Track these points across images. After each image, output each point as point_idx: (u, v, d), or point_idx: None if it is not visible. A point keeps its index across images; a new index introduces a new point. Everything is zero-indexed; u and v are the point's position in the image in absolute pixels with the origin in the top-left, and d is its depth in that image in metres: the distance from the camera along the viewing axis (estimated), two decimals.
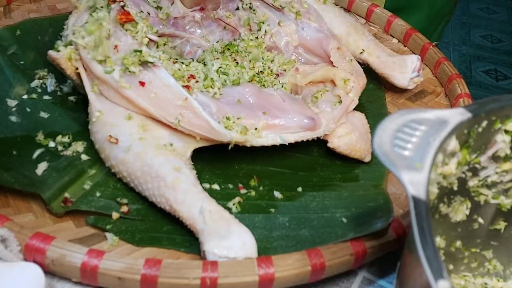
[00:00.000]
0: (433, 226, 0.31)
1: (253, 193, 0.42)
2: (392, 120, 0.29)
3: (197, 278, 0.32)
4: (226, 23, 0.52)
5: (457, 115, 0.29)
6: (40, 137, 0.42)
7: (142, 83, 0.41)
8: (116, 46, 0.42)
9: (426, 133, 0.28)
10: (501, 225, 0.35)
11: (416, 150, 0.27)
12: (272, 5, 0.52)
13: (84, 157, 0.42)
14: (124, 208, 0.38)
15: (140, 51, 0.41)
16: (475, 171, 0.32)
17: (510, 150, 0.32)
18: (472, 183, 0.33)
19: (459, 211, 0.33)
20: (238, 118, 0.41)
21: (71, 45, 0.44)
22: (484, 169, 0.32)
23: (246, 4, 0.53)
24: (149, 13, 0.46)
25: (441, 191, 0.30)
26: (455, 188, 0.32)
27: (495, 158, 0.32)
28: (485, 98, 0.31)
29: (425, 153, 0.27)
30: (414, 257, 0.25)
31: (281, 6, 0.52)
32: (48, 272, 0.33)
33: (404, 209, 0.41)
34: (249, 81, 0.45)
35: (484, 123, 0.31)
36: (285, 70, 0.48)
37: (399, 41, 0.62)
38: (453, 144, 0.29)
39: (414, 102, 0.54)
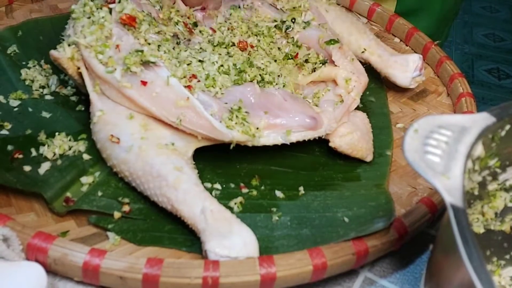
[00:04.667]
0: None
1: (254, 192, 0.42)
2: (420, 127, 0.28)
3: (199, 277, 0.32)
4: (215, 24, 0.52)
5: (481, 120, 0.29)
6: (42, 136, 0.43)
7: (143, 83, 0.41)
8: (118, 46, 0.42)
9: (454, 139, 0.28)
10: None
11: (447, 157, 0.27)
12: (273, 4, 0.52)
13: (85, 156, 0.42)
14: (126, 208, 0.38)
15: (142, 51, 0.41)
16: (494, 175, 0.32)
17: None
18: (492, 187, 0.33)
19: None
20: (246, 112, 0.41)
21: (73, 45, 0.44)
22: (503, 172, 0.32)
23: (248, 4, 0.53)
24: (150, 13, 0.46)
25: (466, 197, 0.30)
26: (476, 192, 0.32)
27: None
28: (507, 102, 0.31)
29: (455, 160, 0.27)
30: (453, 261, 0.24)
31: (283, 6, 0.52)
32: (50, 271, 0.33)
33: (406, 208, 0.41)
34: (250, 81, 0.45)
35: (507, 127, 0.30)
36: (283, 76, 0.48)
37: (400, 40, 0.62)
38: (480, 149, 0.29)
39: (416, 102, 0.54)
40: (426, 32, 0.61)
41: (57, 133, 0.43)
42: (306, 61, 0.49)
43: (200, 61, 0.46)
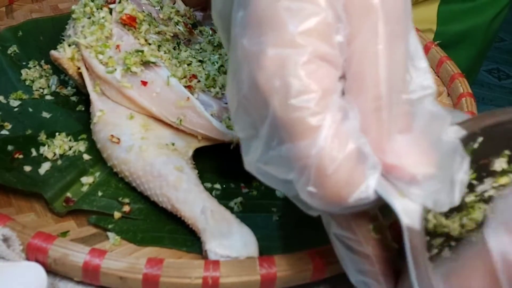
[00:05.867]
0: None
1: (255, 192, 0.42)
2: None
3: (199, 277, 0.32)
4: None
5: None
6: (42, 137, 0.43)
7: (144, 83, 0.41)
8: (118, 46, 0.42)
9: None
10: None
11: None
12: None
13: (86, 156, 0.42)
14: (126, 208, 0.38)
15: (142, 51, 0.41)
16: (471, 187, 0.32)
17: (507, 165, 0.31)
18: (469, 199, 0.32)
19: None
20: None
21: (74, 45, 0.44)
22: (481, 184, 0.32)
23: None
24: (150, 13, 0.47)
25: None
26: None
27: (491, 172, 0.31)
28: (480, 114, 0.30)
29: None
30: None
31: None
32: (50, 271, 0.33)
33: None
34: None
35: (480, 139, 0.30)
36: None
37: None
38: None
39: None
40: (464, 65, 0.57)
41: (57, 133, 0.43)
42: None
43: (200, 61, 0.46)
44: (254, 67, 0.24)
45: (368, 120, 0.24)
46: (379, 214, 0.27)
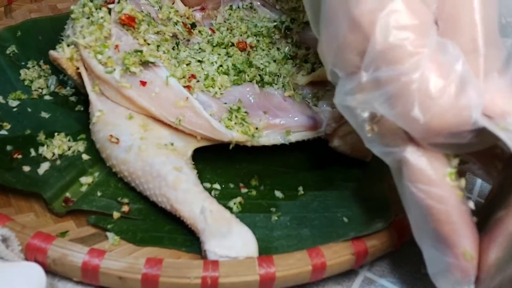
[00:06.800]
0: None
1: (254, 192, 0.42)
2: None
3: (198, 277, 0.32)
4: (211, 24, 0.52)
5: None
6: (41, 137, 0.43)
7: (143, 83, 0.41)
8: (117, 46, 0.42)
9: None
10: None
11: None
12: (273, 5, 0.52)
13: (85, 156, 0.42)
14: (125, 208, 0.38)
15: (141, 51, 0.41)
16: None
17: None
18: None
19: None
20: (245, 112, 0.41)
21: (73, 45, 0.44)
22: None
23: (247, 5, 0.53)
24: (149, 13, 0.47)
25: None
26: None
27: None
28: None
29: None
30: None
31: (282, 7, 0.52)
32: (50, 271, 0.33)
33: None
34: (249, 81, 0.45)
35: None
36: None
37: None
38: None
39: None
40: None
41: (56, 133, 0.43)
42: (306, 61, 0.49)
43: (199, 61, 0.46)
44: (352, 6, 0.25)
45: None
46: (458, 164, 0.28)
